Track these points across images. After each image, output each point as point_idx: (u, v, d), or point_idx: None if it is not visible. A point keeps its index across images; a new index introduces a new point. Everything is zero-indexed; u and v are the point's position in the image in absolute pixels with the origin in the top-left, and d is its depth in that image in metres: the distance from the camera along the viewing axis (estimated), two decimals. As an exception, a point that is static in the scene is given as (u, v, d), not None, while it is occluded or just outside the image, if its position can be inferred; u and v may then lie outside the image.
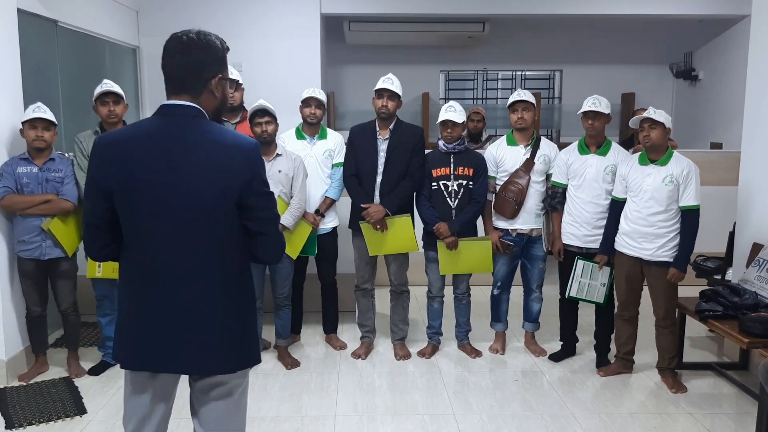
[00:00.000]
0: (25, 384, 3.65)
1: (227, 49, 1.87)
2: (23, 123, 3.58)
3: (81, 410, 3.34)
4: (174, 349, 1.79)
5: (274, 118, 3.73)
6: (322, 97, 4.04)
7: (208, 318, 1.79)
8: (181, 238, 1.75)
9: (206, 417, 1.89)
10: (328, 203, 4.07)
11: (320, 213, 4.02)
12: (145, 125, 1.81)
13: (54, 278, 3.73)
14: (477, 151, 4.19)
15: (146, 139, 1.75)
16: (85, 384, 3.67)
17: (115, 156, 1.75)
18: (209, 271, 1.77)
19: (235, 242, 1.81)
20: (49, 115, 3.60)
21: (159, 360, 1.81)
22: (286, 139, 4.09)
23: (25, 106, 3.71)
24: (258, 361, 1.95)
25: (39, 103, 3.62)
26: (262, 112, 3.69)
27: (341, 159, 4.07)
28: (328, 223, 4.12)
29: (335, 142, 4.11)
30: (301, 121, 4.09)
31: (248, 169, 1.76)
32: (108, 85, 3.70)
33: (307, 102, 4.01)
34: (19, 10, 3.81)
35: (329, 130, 4.18)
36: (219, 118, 1.88)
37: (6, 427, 3.16)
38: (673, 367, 3.70)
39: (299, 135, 4.10)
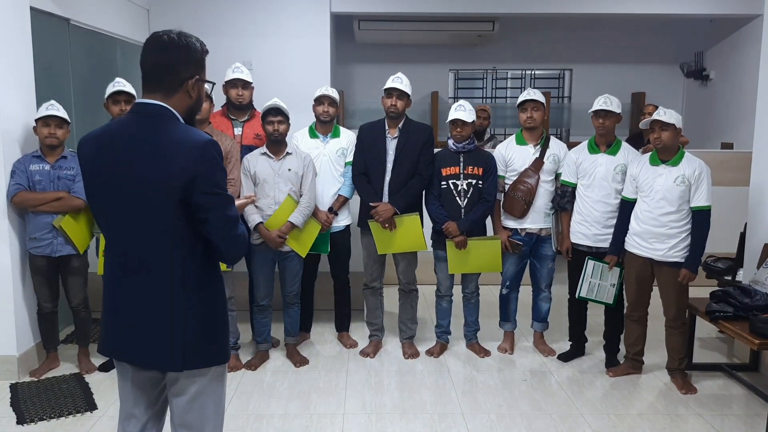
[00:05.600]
0: (36, 380, 3.68)
1: (206, 51, 1.87)
2: (36, 120, 3.61)
3: (91, 406, 3.37)
4: (129, 339, 1.83)
5: (286, 117, 3.74)
6: (335, 95, 4.04)
7: (160, 313, 1.79)
8: (133, 233, 1.78)
9: (173, 409, 1.91)
10: (342, 201, 4.07)
11: (333, 211, 4.03)
12: (118, 123, 1.85)
13: (65, 275, 3.76)
14: (485, 149, 4.18)
15: (112, 137, 1.79)
16: (95, 380, 3.70)
17: (87, 153, 1.82)
18: (163, 267, 1.78)
19: (189, 240, 1.78)
20: (62, 113, 3.63)
21: (119, 348, 1.85)
22: (300, 137, 4.10)
23: (38, 104, 3.74)
24: (217, 363, 1.89)
25: (52, 101, 3.65)
26: (276, 111, 3.70)
27: None
28: (341, 221, 4.13)
29: (348, 141, 4.11)
30: (314, 119, 4.10)
31: (193, 166, 1.70)
32: (120, 84, 3.72)
33: (320, 100, 4.01)
34: (32, 9, 3.85)
35: (342, 129, 4.18)
36: (192, 118, 1.88)
37: (17, 422, 3.19)
38: (683, 368, 3.68)
39: (312, 134, 4.11)
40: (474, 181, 3.88)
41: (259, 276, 3.88)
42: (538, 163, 3.92)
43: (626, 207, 3.65)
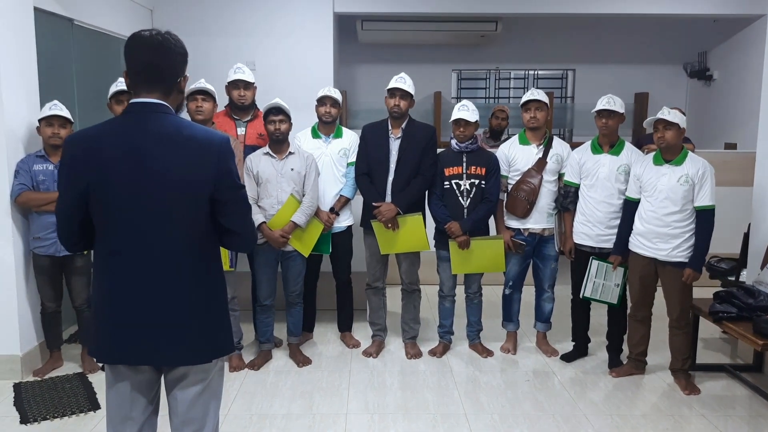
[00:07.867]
0: (39, 379, 3.69)
1: None
2: (40, 120, 3.63)
3: (94, 405, 3.37)
4: (146, 340, 1.81)
5: (288, 117, 3.75)
6: (337, 95, 4.04)
7: (179, 309, 1.81)
8: (153, 233, 1.78)
9: (176, 406, 1.92)
10: (343, 201, 4.07)
11: (335, 211, 4.03)
12: (117, 123, 1.85)
13: (69, 274, 3.77)
14: (491, 150, 4.18)
15: (119, 137, 1.78)
16: (98, 379, 3.69)
17: (87, 153, 1.78)
18: (180, 263, 1.81)
19: (205, 235, 1.85)
20: (65, 113, 3.64)
21: (132, 352, 1.83)
22: (302, 137, 4.10)
23: (41, 104, 3.75)
24: (229, 351, 1.99)
25: (56, 101, 3.66)
26: (277, 110, 3.71)
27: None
28: (342, 222, 4.13)
29: (350, 141, 4.11)
30: (317, 120, 4.10)
31: (221, 164, 1.82)
32: (123, 84, 3.72)
33: (322, 101, 4.02)
34: (35, 9, 3.85)
35: (345, 129, 4.18)
36: (178, 112, 1.95)
37: (21, 422, 3.20)
38: (686, 369, 3.68)
39: (315, 134, 4.11)
40: (477, 181, 3.88)
41: (262, 276, 3.89)
42: (541, 163, 3.91)
43: (630, 207, 3.64)
